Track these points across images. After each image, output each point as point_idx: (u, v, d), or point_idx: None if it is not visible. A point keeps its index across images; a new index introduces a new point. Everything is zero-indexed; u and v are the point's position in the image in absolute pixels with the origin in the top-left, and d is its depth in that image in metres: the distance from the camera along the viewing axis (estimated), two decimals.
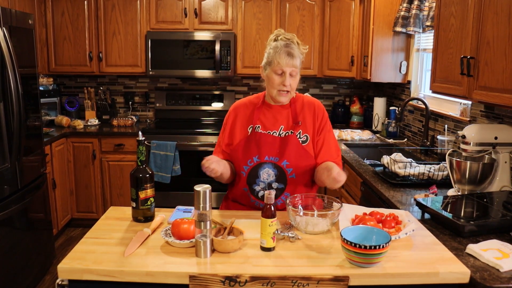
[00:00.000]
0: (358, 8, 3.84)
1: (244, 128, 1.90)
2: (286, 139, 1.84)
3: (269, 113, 1.90)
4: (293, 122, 1.87)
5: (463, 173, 2.00)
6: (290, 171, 1.83)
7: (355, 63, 3.93)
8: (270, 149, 1.83)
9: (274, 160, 1.83)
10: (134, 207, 1.68)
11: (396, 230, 1.57)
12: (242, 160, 1.86)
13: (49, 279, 3.15)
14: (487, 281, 1.31)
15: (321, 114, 1.91)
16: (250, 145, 1.85)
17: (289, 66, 1.77)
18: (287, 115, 1.89)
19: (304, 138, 1.86)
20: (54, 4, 4.02)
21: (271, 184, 1.84)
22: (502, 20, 1.77)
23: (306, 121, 1.88)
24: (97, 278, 1.33)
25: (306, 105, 1.92)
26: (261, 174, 1.84)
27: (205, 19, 4.12)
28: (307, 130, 1.87)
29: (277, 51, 1.77)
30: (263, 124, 1.88)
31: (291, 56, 1.77)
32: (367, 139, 3.64)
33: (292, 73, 1.79)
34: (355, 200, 2.80)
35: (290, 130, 1.86)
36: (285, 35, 1.83)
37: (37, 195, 3.03)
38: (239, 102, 1.98)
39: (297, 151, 1.83)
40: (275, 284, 1.30)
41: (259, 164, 1.84)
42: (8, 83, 2.59)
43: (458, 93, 2.14)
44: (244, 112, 1.92)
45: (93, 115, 4.35)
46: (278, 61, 1.77)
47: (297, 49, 1.80)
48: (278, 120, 1.88)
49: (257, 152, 1.84)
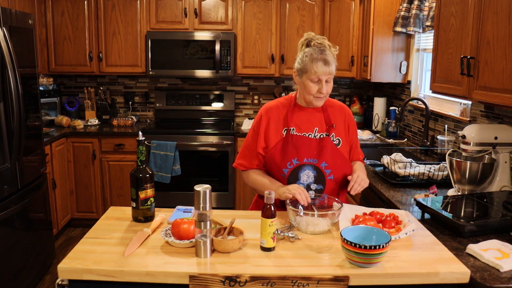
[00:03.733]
0: (358, 8, 3.84)
1: (278, 131, 1.89)
2: (322, 141, 1.86)
3: (303, 115, 1.90)
4: (327, 125, 1.89)
5: (463, 173, 2.00)
6: (328, 173, 1.85)
7: (355, 63, 3.93)
8: (308, 151, 1.84)
9: (313, 162, 1.84)
10: (134, 207, 1.68)
11: (396, 230, 1.57)
12: (281, 163, 1.85)
13: (49, 279, 3.15)
14: (487, 281, 1.31)
15: (350, 118, 1.97)
16: (287, 147, 1.85)
17: (325, 74, 1.77)
18: (320, 117, 1.90)
19: (337, 141, 1.89)
20: (54, 4, 4.02)
21: (310, 186, 1.86)
22: (502, 20, 1.77)
23: (338, 125, 1.91)
24: (97, 278, 1.33)
25: (337, 109, 1.94)
26: (301, 176, 1.85)
27: (205, 19, 4.12)
28: (340, 134, 1.90)
29: (313, 59, 1.75)
30: (297, 126, 1.88)
31: (328, 64, 1.76)
32: (367, 139, 3.64)
33: (328, 79, 1.79)
34: (355, 200, 2.80)
35: (325, 133, 1.88)
36: (317, 40, 1.81)
37: (37, 195, 3.03)
38: (270, 104, 1.96)
39: (333, 153, 1.86)
40: (275, 284, 1.30)
41: (299, 166, 1.84)
42: (8, 83, 2.59)
43: (458, 93, 2.14)
44: (277, 115, 1.91)
45: (93, 115, 4.35)
46: (315, 70, 1.75)
47: (331, 54, 1.79)
48: (313, 122, 1.89)
49: (296, 154, 1.84)
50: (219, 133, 3.96)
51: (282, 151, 1.85)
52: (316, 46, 1.79)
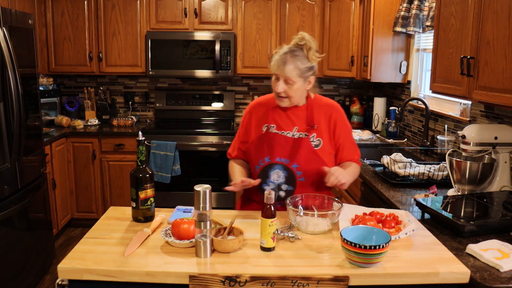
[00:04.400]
0: (358, 8, 3.84)
1: (259, 127, 1.90)
2: (299, 142, 1.83)
3: (284, 113, 1.88)
4: (308, 125, 1.85)
5: (463, 173, 2.00)
6: (299, 174, 1.82)
7: (355, 63, 3.93)
8: (281, 150, 1.83)
9: (285, 162, 1.82)
10: (134, 207, 1.68)
11: (396, 230, 1.57)
12: (254, 159, 1.87)
13: (49, 279, 3.15)
14: (487, 281, 1.31)
15: (339, 118, 1.89)
16: (262, 144, 1.85)
17: (282, 74, 1.76)
18: (303, 116, 1.87)
19: (317, 142, 1.85)
20: (54, 4, 4.02)
21: (280, 186, 1.84)
22: (502, 20, 1.77)
23: (322, 125, 1.86)
24: (97, 278, 1.33)
25: (323, 108, 1.89)
26: (271, 174, 1.84)
27: (205, 19, 4.12)
28: (322, 135, 1.86)
29: (274, 57, 1.78)
30: (277, 124, 1.87)
31: (284, 64, 1.74)
32: (367, 139, 3.64)
33: (288, 80, 1.76)
34: (355, 200, 2.80)
35: (304, 133, 1.85)
36: (297, 40, 1.78)
37: (37, 195, 3.03)
38: (256, 100, 1.99)
39: (308, 155, 1.82)
40: (275, 284, 1.30)
41: (270, 165, 1.83)
42: (8, 83, 2.59)
43: (458, 93, 2.14)
44: (260, 111, 1.92)
45: (93, 115, 4.35)
46: (272, 67, 1.79)
47: (301, 57, 1.76)
48: (293, 121, 1.87)
49: (269, 153, 1.84)
50: (219, 133, 3.96)
51: (257, 147, 1.86)
52: (292, 44, 1.79)
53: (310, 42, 1.78)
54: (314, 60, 1.79)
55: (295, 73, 1.75)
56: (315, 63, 1.80)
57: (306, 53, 1.77)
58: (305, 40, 1.77)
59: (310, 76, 1.80)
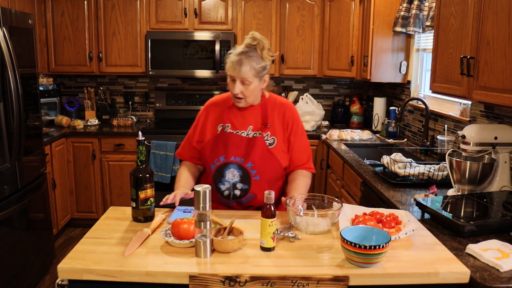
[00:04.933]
0: (358, 8, 3.84)
1: (214, 126, 1.92)
2: (253, 141, 1.85)
3: (240, 113, 1.91)
4: (262, 124, 1.88)
5: (463, 173, 2.00)
6: (254, 173, 1.85)
7: (355, 63, 3.93)
8: (236, 149, 1.85)
9: (239, 161, 1.85)
10: (134, 207, 1.68)
11: (396, 230, 1.57)
12: (210, 159, 1.89)
13: (49, 279, 3.15)
14: (487, 281, 1.31)
15: (291, 117, 1.91)
16: (218, 144, 1.88)
17: (237, 75, 1.77)
18: (256, 116, 1.90)
19: (271, 140, 1.87)
20: (54, 4, 4.02)
21: (236, 185, 1.86)
22: (502, 20, 1.77)
23: (275, 124, 1.89)
24: (97, 278, 1.33)
25: (277, 107, 1.92)
26: (226, 173, 1.86)
27: (205, 19, 4.12)
28: (275, 133, 1.88)
29: (229, 58, 1.80)
30: (232, 123, 1.90)
31: (240, 65, 1.76)
32: (367, 139, 3.64)
33: (244, 81, 1.78)
34: (355, 200, 2.80)
35: (258, 132, 1.87)
36: (250, 40, 1.80)
37: (37, 195, 3.03)
38: (212, 100, 2.01)
39: (263, 154, 1.84)
40: (275, 284, 1.30)
41: (225, 164, 1.86)
42: (8, 83, 2.59)
43: (458, 93, 2.14)
44: (215, 111, 1.95)
45: (93, 115, 4.35)
46: (228, 69, 1.80)
47: (255, 57, 1.78)
48: (248, 120, 1.90)
49: (224, 152, 1.86)
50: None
51: (212, 147, 1.88)
52: (245, 46, 1.80)
53: (262, 41, 1.81)
54: (268, 59, 1.82)
55: (251, 73, 1.77)
56: (269, 62, 1.84)
57: (260, 52, 1.79)
58: (258, 40, 1.80)
59: (265, 75, 1.84)
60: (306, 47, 4.17)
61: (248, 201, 1.88)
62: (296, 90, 4.57)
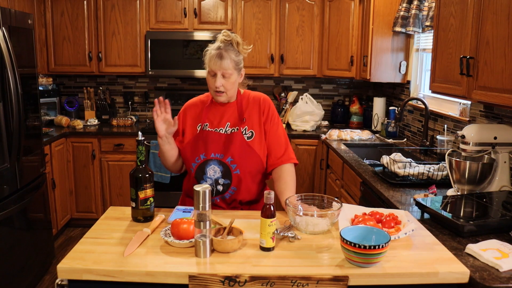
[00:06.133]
0: (357, 8, 3.84)
1: (193, 127, 1.95)
2: (231, 136, 1.89)
3: (217, 111, 1.95)
4: (239, 119, 1.92)
5: (463, 173, 2.00)
6: (234, 167, 1.87)
7: (355, 63, 3.93)
8: (215, 146, 1.88)
9: (219, 157, 1.87)
10: (133, 207, 1.68)
11: (395, 230, 1.57)
12: (190, 158, 1.91)
13: (48, 279, 3.15)
14: (487, 281, 1.31)
15: (267, 108, 1.95)
16: (198, 143, 1.91)
17: (220, 69, 1.81)
18: (233, 111, 1.94)
19: (249, 134, 1.91)
20: (54, 4, 4.02)
21: (218, 180, 1.89)
22: (502, 20, 1.77)
23: (252, 117, 1.93)
24: (97, 278, 1.33)
25: (251, 101, 1.97)
26: (207, 170, 1.89)
27: (205, 19, 4.12)
28: (253, 126, 1.92)
29: (209, 53, 1.84)
30: (211, 122, 1.93)
31: (221, 58, 1.81)
32: (367, 139, 3.64)
33: (225, 74, 1.83)
34: (355, 200, 2.80)
35: (236, 127, 1.91)
36: (224, 36, 1.85)
37: (36, 195, 3.03)
38: (189, 102, 2.04)
39: (242, 148, 1.88)
40: (274, 284, 1.30)
41: (205, 161, 1.89)
42: (7, 83, 2.59)
43: (458, 93, 2.15)
44: (193, 112, 1.98)
45: (92, 115, 4.35)
46: (209, 64, 1.84)
47: (234, 50, 1.84)
48: (225, 117, 1.93)
49: (204, 150, 1.89)
50: None
51: (193, 146, 1.91)
52: (220, 41, 1.85)
53: (236, 37, 1.88)
54: (244, 52, 1.89)
55: (231, 65, 1.83)
56: (245, 55, 1.91)
57: (236, 47, 1.86)
58: (231, 36, 1.86)
59: (241, 68, 1.91)
60: (305, 47, 4.17)
61: (231, 195, 1.91)
62: (296, 90, 4.57)
